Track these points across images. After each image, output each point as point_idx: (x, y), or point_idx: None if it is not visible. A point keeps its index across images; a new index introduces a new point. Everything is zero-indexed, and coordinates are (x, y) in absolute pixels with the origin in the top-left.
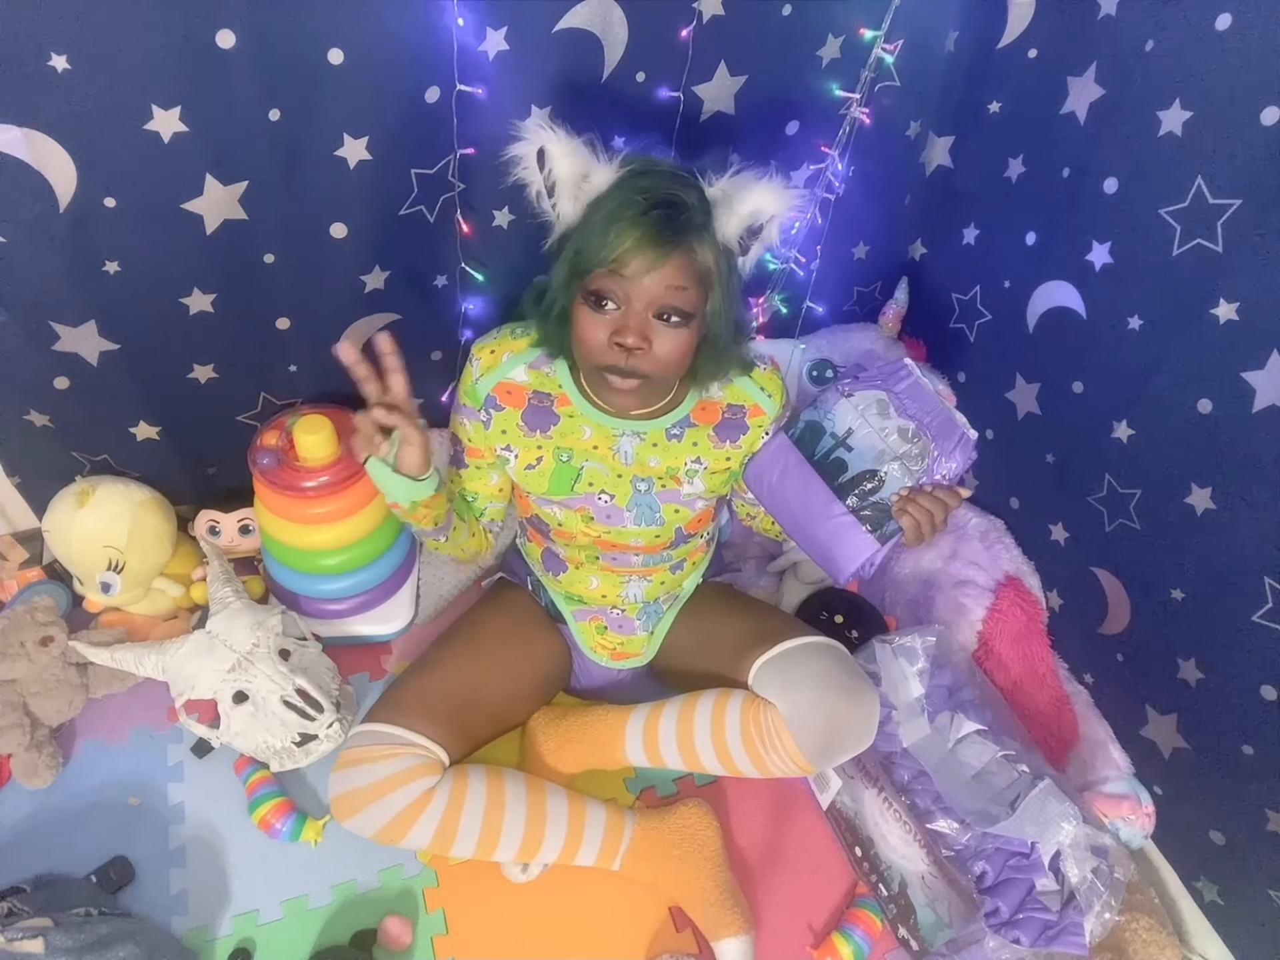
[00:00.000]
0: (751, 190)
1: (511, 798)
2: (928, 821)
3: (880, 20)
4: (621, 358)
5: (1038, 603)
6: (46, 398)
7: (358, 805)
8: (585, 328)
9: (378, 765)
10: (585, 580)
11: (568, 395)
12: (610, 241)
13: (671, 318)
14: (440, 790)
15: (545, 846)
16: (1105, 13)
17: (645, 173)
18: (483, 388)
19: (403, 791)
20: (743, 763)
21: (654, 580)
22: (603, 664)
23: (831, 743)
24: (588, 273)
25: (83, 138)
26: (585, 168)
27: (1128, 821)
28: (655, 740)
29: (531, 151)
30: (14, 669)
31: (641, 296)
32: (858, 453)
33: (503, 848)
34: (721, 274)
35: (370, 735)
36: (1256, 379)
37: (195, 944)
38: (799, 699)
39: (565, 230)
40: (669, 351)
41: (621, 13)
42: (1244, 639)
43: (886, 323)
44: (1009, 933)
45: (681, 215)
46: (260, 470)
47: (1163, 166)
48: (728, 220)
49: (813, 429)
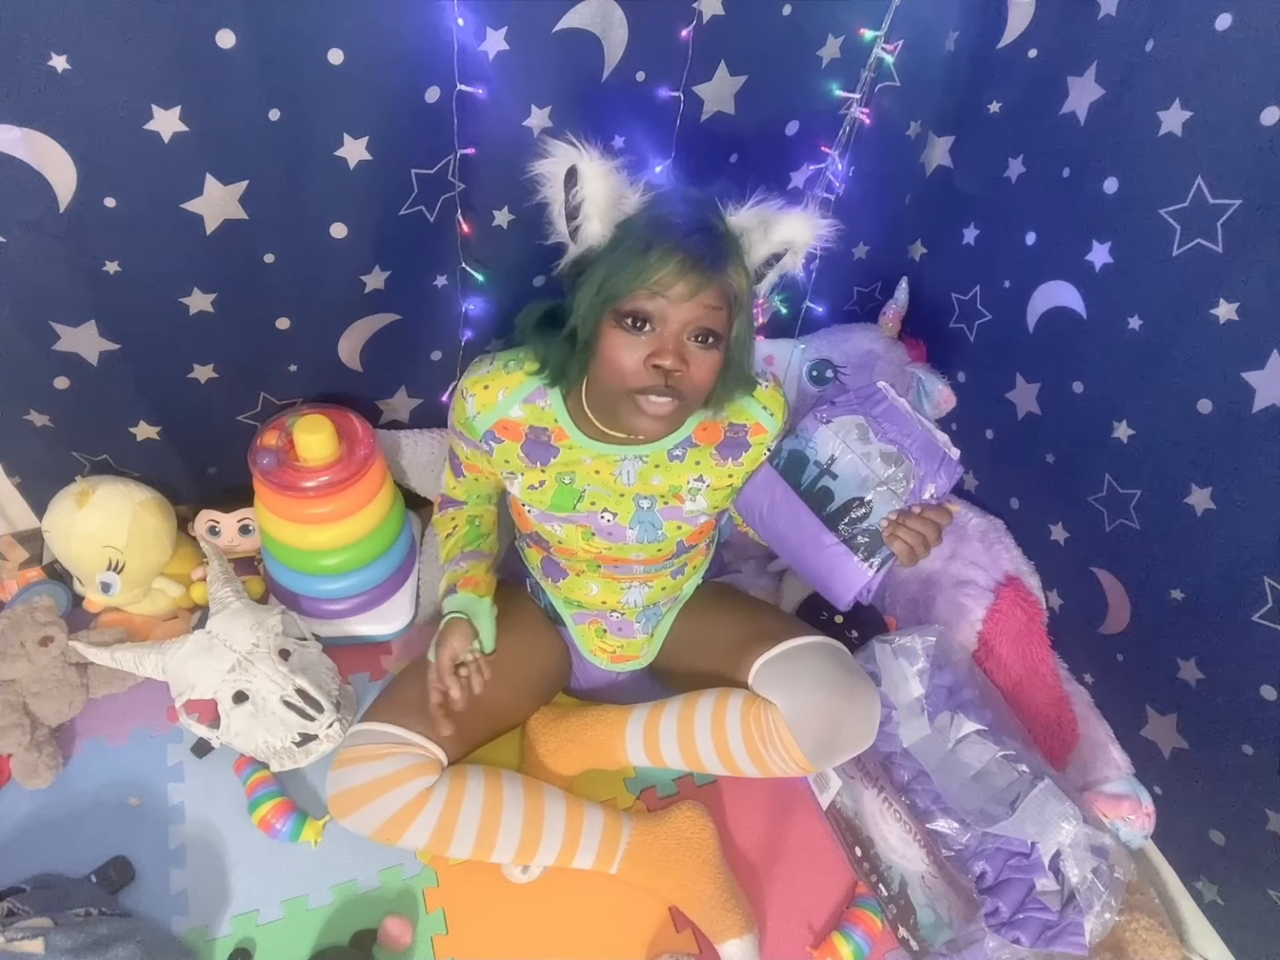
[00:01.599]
0: (784, 220)
1: (509, 799)
2: (928, 821)
3: (880, 20)
4: (659, 379)
5: (1038, 603)
6: (46, 398)
7: (355, 803)
8: (620, 351)
9: (376, 764)
10: (585, 586)
11: (564, 429)
12: (652, 264)
13: (708, 339)
14: (438, 790)
15: (543, 849)
16: (1105, 13)
17: (674, 198)
18: (480, 425)
19: (400, 790)
20: (744, 762)
21: (655, 586)
22: (602, 666)
23: (833, 743)
24: (624, 295)
25: (83, 138)
26: (620, 189)
27: (1128, 821)
28: (656, 740)
29: (560, 170)
30: (14, 669)
31: (679, 318)
32: (843, 480)
33: (500, 849)
34: (746, 300)
35: (368, 734)
36: (1256, 379)
37: (195, 944)
38: (800, 699)
39: (585, 254)
40: (704, 373)
41: (621, 13)
42: (1244, 639)
43: (886, 323)
44: (1009, 933)
45: (719, 240)
46: (260, 470)
47: (1163, 166)
48: (759, 247)
49: (796, 458)
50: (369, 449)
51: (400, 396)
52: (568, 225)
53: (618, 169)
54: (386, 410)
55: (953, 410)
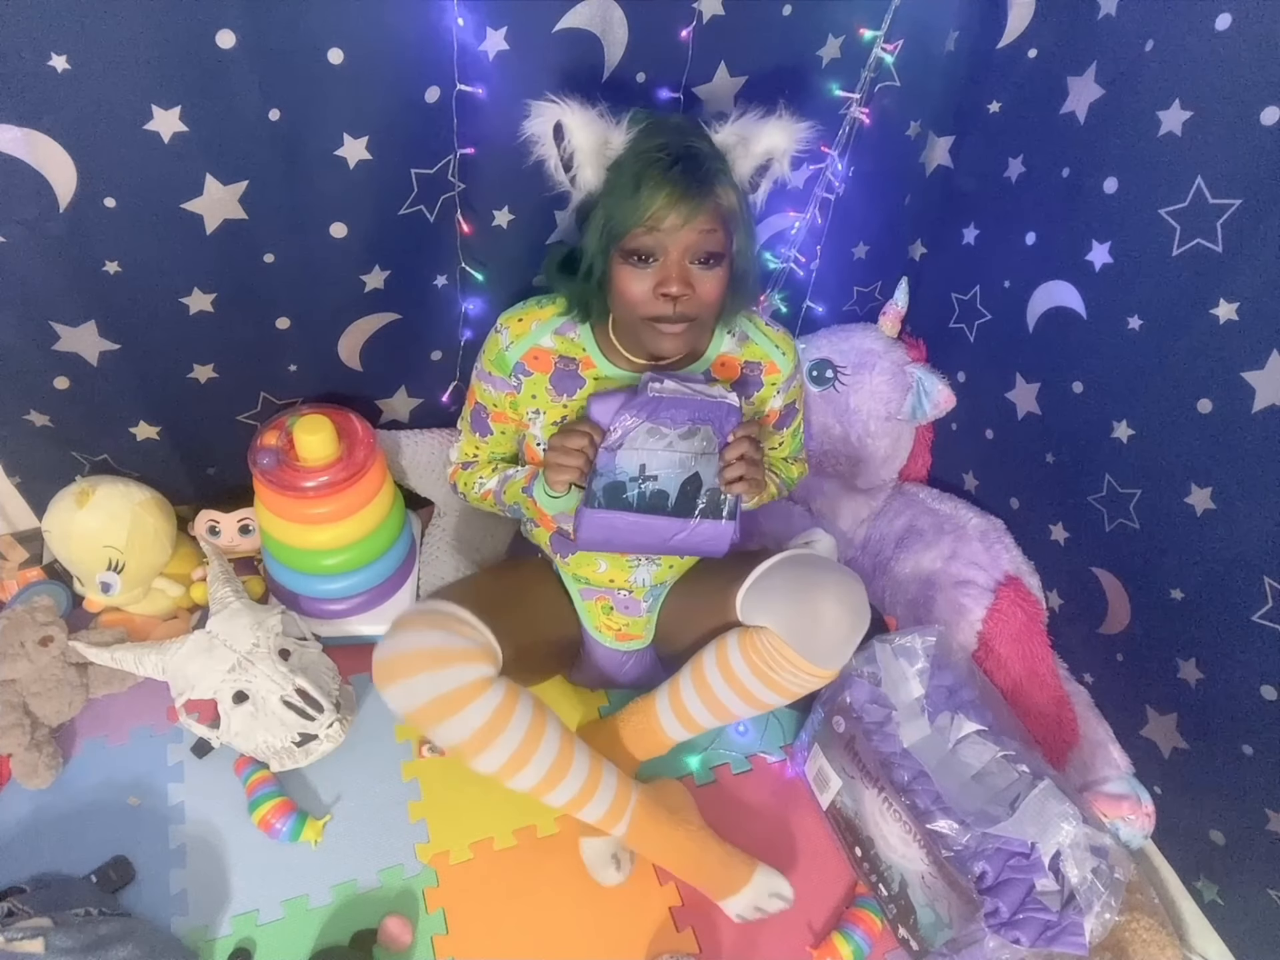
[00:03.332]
0: (763, 130)
1: (550, 728)
2: (928, 821)
3: (880, 20)
4: (669, 306)
5: (1038, 603)
6: (46, 398)
7: (408, 670)
8: (629, 284)
9: (439, 634)
10: (594, 562)
11: (591, 358)
12: (643, 202)
13: (709, 260)
14: (496, 687)
15: (564, 785)
16: (1105, 13)
17: (657, 129)
18: (512, 355)
19: (457, 670)
20: (762, 693)
21: (663, 564)
22: (606, 644)
23: (818, 632)
24: (624, 234)
25: (83, 138)
26: (604, 134)
27: (1128, 821)
28: (683, 707)
29: (547, 127)
30: (14, 669)
31: (678, 246)
32: (665, 477)
33: (529, 771)
34: (742, 213)
35: (431, 608)
36: (1256, 379)
37: (195, 944)
38: (777, 608)
39: (587, 198)
40: (709, 291)
41: (621, 13)
42: (1244, 639)
43: (886, 323)
44: (1009, 933)
45: (704, 165)
46: (260, 470)
47: (1163, 166)
48: (743, 162)
49: (612, 488)
50: (369, 449)
51: (400, 396)
52: (566, 176)
53: (600, 115)
54: (386, 410)
55: (953, 410)
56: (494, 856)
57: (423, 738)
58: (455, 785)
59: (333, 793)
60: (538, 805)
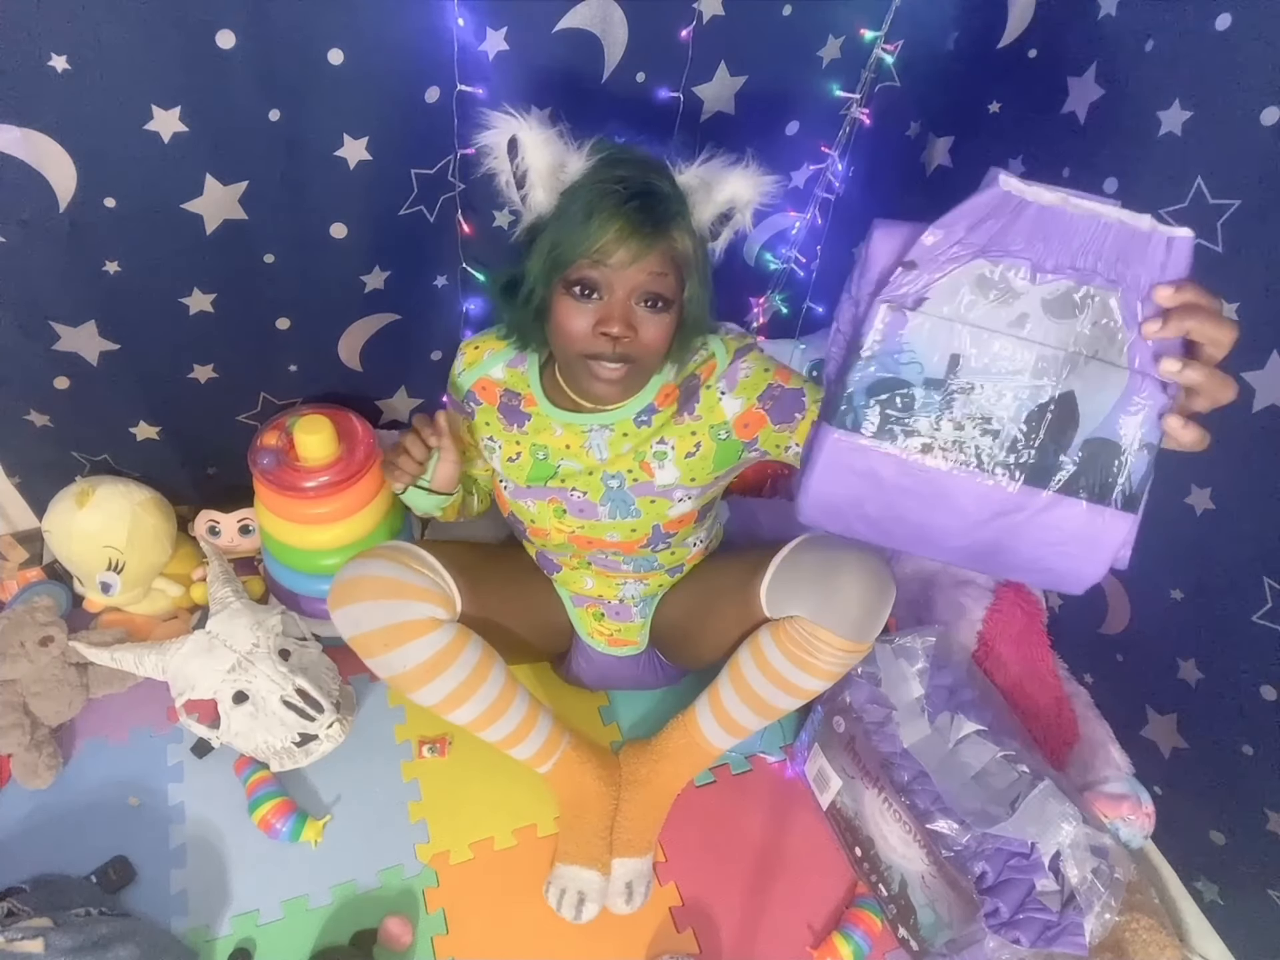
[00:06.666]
0: (726, 178)
1: (495, 670)
2: (928, 822)
3: (880, 20)
4: (608, 345)
5: (1038, 603)
6: (46, 398)
7: (360, 594)
8: (569, 318)
9: (398, 568)
10: (580, 580)
11: (533, 396)
12: (593, 232)
13: (656, 304)
14: (446, 629)
15: (499, 725)
16: (1105, 13)
17: (619, 161)
18: (464, 382)
19: (412, 605)
20: (804, 681)
21: (650, 583)
22: (599, 649)
23: (856, 609)
24: (569, 263)
25: (83, 138)
26: (560, 157)
27: (1128, 821)
28: (725, 712)
29: (502, 141)
30: (14, 669)
31: (624, 284)
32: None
33: (468, 707)
34: (697, 260)
35: (398, 545)
36: (1256, 379)
37: (195, 944)
38: (806, 595)
39: (536, 221)
40: (654, 337)
41: (621, 13)
42: (1244, 639)
43: None
44: (1009, 933)
45: (661, 205)
46: (260, 470)
47: (1163, 166)
48: (704, 207)
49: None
50: (369, 449)
51: (400, 396)
52: (518, 194)
53: (559, 135)
54: (386, 410)
55: None
56: (494, 856)
57: (422, 738)
58: (455, 785)
59: (333, 793)
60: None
